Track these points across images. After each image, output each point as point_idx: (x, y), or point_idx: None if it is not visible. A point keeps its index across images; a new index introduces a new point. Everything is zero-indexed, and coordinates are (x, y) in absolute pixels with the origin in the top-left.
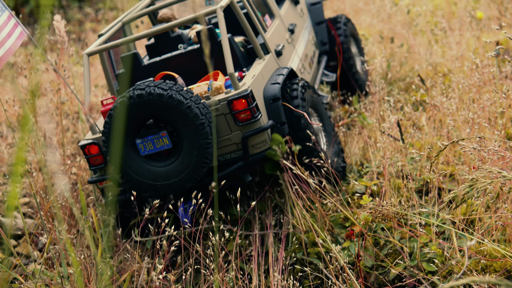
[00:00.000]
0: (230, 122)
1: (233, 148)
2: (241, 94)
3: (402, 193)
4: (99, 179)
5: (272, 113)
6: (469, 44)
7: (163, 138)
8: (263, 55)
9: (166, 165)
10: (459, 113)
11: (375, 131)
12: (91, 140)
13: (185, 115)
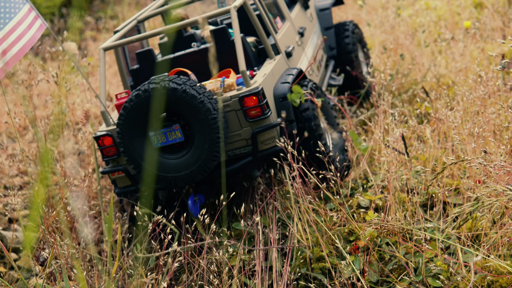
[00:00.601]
0: (241, 118)
1: (242, 143)
2: (252, 91)
3: (407, 207)
4: (111, 170)
5: (282, 111)
6: (473, 55)
7: (175, 131)
8: (273, 55)
9: (178, 157)
10: (464, 126)
11: (379, 143)
12: (105, 132)
13: (197, 109)
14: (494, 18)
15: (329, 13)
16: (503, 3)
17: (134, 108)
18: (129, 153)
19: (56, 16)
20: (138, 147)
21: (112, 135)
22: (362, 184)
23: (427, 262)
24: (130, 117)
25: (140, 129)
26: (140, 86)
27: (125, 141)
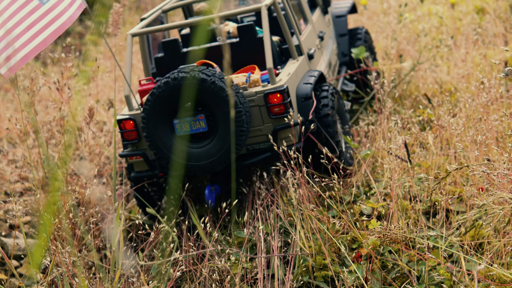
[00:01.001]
0: (264, 114)
1: (262, 139)
2: (278, 88)
3: (410, 215)
4: (130, 154)
5: (303, 111)
6: (475, 61)
7: (200, 121)
8: (297, 56)
9: (199, 147)
10: (467, 133)
11: (382, 150)
12: (128, 116)
13: (224, 101)
14: (496, 24)
15: (344, 20)
16: (505, 8)
17: (161, 95)
18: (152, 138)
19: None
20: (162, 134)
21: (135, 120)
22: (364, 192)
23: (430, 271)
24: (157, 103)
25: (165, 116)
26: (170, 74)
27: (149, 127)
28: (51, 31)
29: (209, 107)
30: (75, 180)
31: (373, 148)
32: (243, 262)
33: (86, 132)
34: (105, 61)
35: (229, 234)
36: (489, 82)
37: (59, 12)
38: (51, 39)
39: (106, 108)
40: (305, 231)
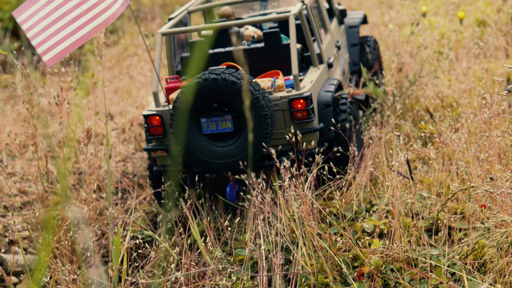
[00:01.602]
0: (287, 118)
1: (283, 141)
2: (302, 95)
3: (412, 232)
4: (155, 148)
5: (323, 117)
6: (476, 74)
7: (226, 121)
8: (318, 64)
9: (224, 146)
10: (469, 149)
11: (382, 165)
12: (155, 112)
13: (252, 104)
14: (498, 37)
15: (357, 30)
16: (506, 21)
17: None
18: (179, 135)
19: None
20: (188, 131)
21: (161, 115)
22: (366, 208)
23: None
24: (186, 101)
25: (193, 114)
26: (201, 75)
27: (177, 123)
28: (95, 25)
29: (237, 108)
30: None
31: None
32: (244, 280)
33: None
34: (105, 73)
35: (230, 251)
36: (491, 97)
37: (104, 7)
38: (94, 33)
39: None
40: (307, 248)
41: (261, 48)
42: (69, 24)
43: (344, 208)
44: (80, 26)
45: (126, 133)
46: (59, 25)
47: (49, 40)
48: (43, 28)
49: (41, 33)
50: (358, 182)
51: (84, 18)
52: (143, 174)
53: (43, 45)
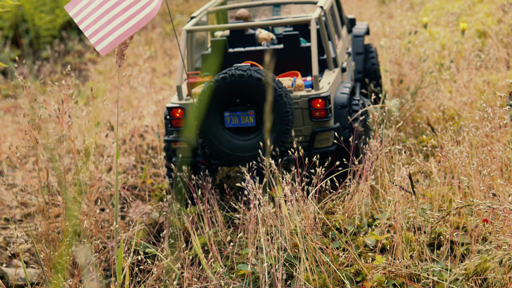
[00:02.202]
0: (305, 117)
1: (300, 139)
2: (321, 94)
3: (414, 247)
4: (174, 140)
5: (339, 117)
6: (478, 86)
7: (249, 116)
8: (333, 67)
9: (246, 139)
10: (471, 162)
11: (384, 178)
12: (178, 104)
13: (275, 101)
14: (499, 48)
15: (362, 40)
16: (507, 32)
17: (217, 88)
18: (202, 127)
19: (56, 39)
20: (212, 124)
21: (184, 108)
22: (368, 223)
23: None
24: (212, 95)
25: (217, 108)
26: (227, 70)
27: (201, 116)
28: (140, 18)
29: (259, 104)
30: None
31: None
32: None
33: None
34: (106, 82)
35: (232, 266)
36: (493, 111)
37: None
38: (139, 26)
39: (106, 132)
40: (309, 263)
41: (280, 50)
42: (118, 15)
43: (346, 222)
44: (128, 17)
45: (127, 144)
46: (108, 16)
47: (101, 30)
48: (94, 20)
49: (93, 24)
50: (359, 196)
51: (132, 10)
52: (143, 187)
53: (95, 35)
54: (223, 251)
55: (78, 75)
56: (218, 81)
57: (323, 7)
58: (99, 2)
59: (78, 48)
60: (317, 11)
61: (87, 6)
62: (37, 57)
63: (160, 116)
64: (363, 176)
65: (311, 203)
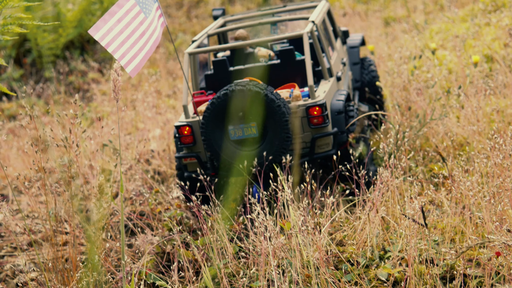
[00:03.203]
0: (304, 124)
1: (302, 145)
2: (318, 102)
3: (426, 280)
4: (185, 156)
5: (336, 123)
6: (486, 112)
7: (252, 128)
8: (328, 77)
9: (251, 150)
10: (482, 192)
11: (393, 207)
12: (185, 122)
13: (275, 111)
14: (506, 74)
15: (357, 50)
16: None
17: (220, 104)
18: (208, 141)
19: (59, 59)
20: (217, 137)
21: (192, 126)
22: (379, 255)
23: None
24: (215, 111)
25: (221, 123)
26: (227, 87)
27: (207, 131)
28: (154, 40)
29: (260, 115)
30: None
31: (387, 211)
32: None
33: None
34: (110, 104)
35: None
36: (504, 142)
37: (155, 26)
38: (155, 46)
39: (112, 157)
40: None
41: (277, 65)
42: (139, 39)
43: (357, 254)
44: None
45: (133, 169)
46: (132, 40)
47: (128, 52)
48: (121, 43)
49: (120, 47)
50: (370, 227)
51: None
52: (150, 214)
53: (124, 57)
54: (233, 283)
55: (82, 96)
56: (220, 97)
57: (315, 22)
58: (123, 25)
59: (81, 68)
60: (309, 25)
61: (112, 29)
62: (40, 77)
63: (165, 140)
64: (374, 207)
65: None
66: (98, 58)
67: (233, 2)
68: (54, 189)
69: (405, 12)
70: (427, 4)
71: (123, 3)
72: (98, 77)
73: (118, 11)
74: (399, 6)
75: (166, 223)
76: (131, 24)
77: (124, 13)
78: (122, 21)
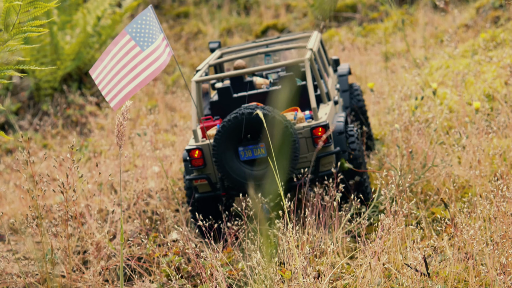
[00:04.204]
0: (309, 144)
1: (307, 164)
2: (321, 124)
3: None
4: (196, 177)
5: (338, 143)
6: (487, 153)
7: (260, 148)
8: (326, 101)
9: (260, 169)
10: (485, 237)
11: (395, 254)
12: (195, 146)
13: (283, 132)
14: (508, 114)
15: (346, 78)
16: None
17: (230, 127)
18: (220, 162)
19: (57, 91)
20: (228, 158)
21: (202, 149)
22: None
23: None
24: (226, 133)
25: (232, 144)
26: (237, 110)
27: (219, 152)
28: (149, 73)
29: (268, 136)
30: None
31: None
32: None
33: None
34: (108, 139)
35: None
36: (507, 188)
37: (155, 57)
38: (148, 80)
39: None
40: None
41: (278, 90)
42: (129, 72)
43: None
44: (138, 73)
45: (131, 209)
46: (122, 74)
47: (114, 88)
48: (110, 80)
49: (108, 83)
50: (371, 276)
51: (139, 68)
52: (149, 259)
53: (110, 93)
54: None
55: (80, 131)
56: (230, 120)
57: (313, 49)
58: (114, 62)
59: (79, 101)
60: (308, 52)
61: (106, 67)
62: (37, 110)
63: (163, 179)
64: (375, 254)
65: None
66: (96, 90)
67: (231, 34)
68: (51, 232)
69: (405, 46)
70: (426, 38)
71: (118, 40)
72: (95, 110)
73: (113, 49)
74: (398, 40)
75: (164, 269)
76: (123, 59)
77: (118, 49)
78: (115, 57)
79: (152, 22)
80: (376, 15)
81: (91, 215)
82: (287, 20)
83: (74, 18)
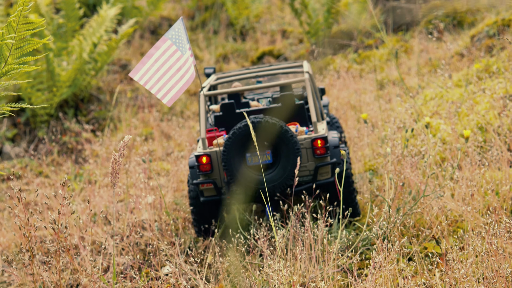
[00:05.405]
0: (309, 155)
1: (306, 173)
2: (321, 136)
3: None
4: (202, 182)
5: (334, 155)
6: (481, 185)
7: (267, 155)
8: (321, 120)
9: (266, 174)
10: (476, 272)
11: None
12: (203, 152)
13: (288, 140)
14: (501, 148)
15: (327, 108)
16: (508, 127)
17: (240, 134)
18: (229, 167)
19: (53, 118)
20: (236, 164)
21: (210, 155)
22: None
23: None
24: (236, 140)
25: (240, 151)
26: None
27: (228, 158)
28: (189, 76)
29: (275, 144)
30: None
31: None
32: None
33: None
34: (103, 166)
35: None
36: (498, 225)
37: (191, 63)
38: (190, 81)
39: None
40: None
41: (278, 108)
42: (175, 73)
43: None
44: (183, 73)
45: (124, 241)
46: (169, 74)
47: (164, 86)
48: (158, 79)
49: (156, 83)
50: None
51: (184, 69)
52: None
53: (160, 91)
54: None
55: (75, 159)
56: (241, 128)
57: (309, 72)
58: (160, 64)
59: (75, 128)
60: (306, 74)
61: (150, 69)
62: (33, 136)
63: (157, 210)
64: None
65: None
66: (91, 117)
67: (228, 59)
68: (42, 269)
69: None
70: (420, 67)
71: (160, 45)
72: (91, 137)
73: (155, 52)
74: (393, 68)
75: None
76: (168, 61)
77: (161, 53)
78: (159, 60)
79: (183, 32)
80: (372, 41)
81: (84, 246)
82: (283, 46)
83: (70, 44)
